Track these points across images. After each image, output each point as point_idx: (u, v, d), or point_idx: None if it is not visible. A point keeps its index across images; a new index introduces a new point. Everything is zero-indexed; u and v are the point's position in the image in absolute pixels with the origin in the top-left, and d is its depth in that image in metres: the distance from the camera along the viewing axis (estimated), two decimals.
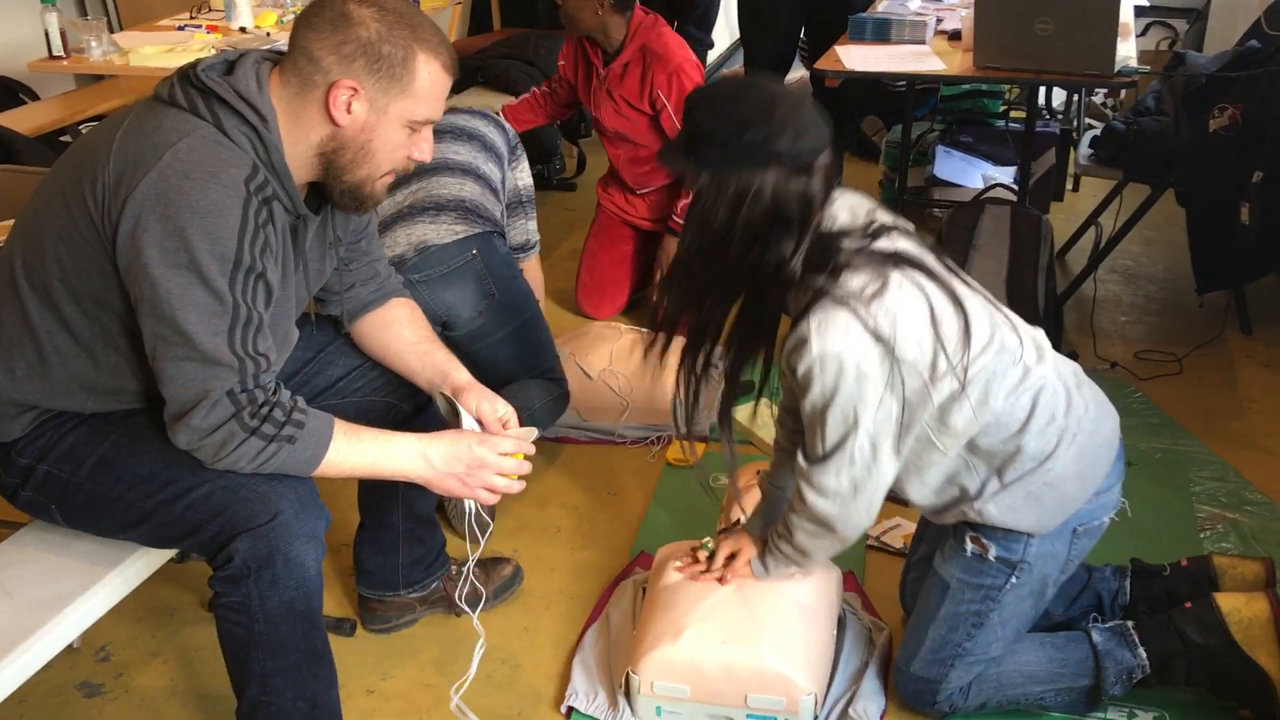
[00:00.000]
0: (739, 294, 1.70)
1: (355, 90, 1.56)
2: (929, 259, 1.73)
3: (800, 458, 1.79)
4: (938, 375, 1.68)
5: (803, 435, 1.78)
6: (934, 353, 1.67)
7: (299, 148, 1.59)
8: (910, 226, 1.79)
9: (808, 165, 1.61)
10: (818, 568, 2.06)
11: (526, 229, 2.92)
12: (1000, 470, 1.78)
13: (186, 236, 1.47)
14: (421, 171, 2.64)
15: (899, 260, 1.68)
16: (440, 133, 2.74)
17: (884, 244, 1.69)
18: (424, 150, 1.66)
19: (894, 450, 1.73)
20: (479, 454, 1.71)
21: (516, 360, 2.61)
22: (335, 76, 1.55)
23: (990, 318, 1.75)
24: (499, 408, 1.84)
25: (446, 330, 2.56)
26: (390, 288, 1.96)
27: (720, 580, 1.98)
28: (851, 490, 1.74)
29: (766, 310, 1.69)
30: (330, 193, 1.65)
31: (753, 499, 2.10)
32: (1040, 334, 1.85)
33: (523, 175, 2.90)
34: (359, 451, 1.64)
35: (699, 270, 1.68)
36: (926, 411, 1.71)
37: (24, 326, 1.61)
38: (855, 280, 1.64)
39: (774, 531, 1.93)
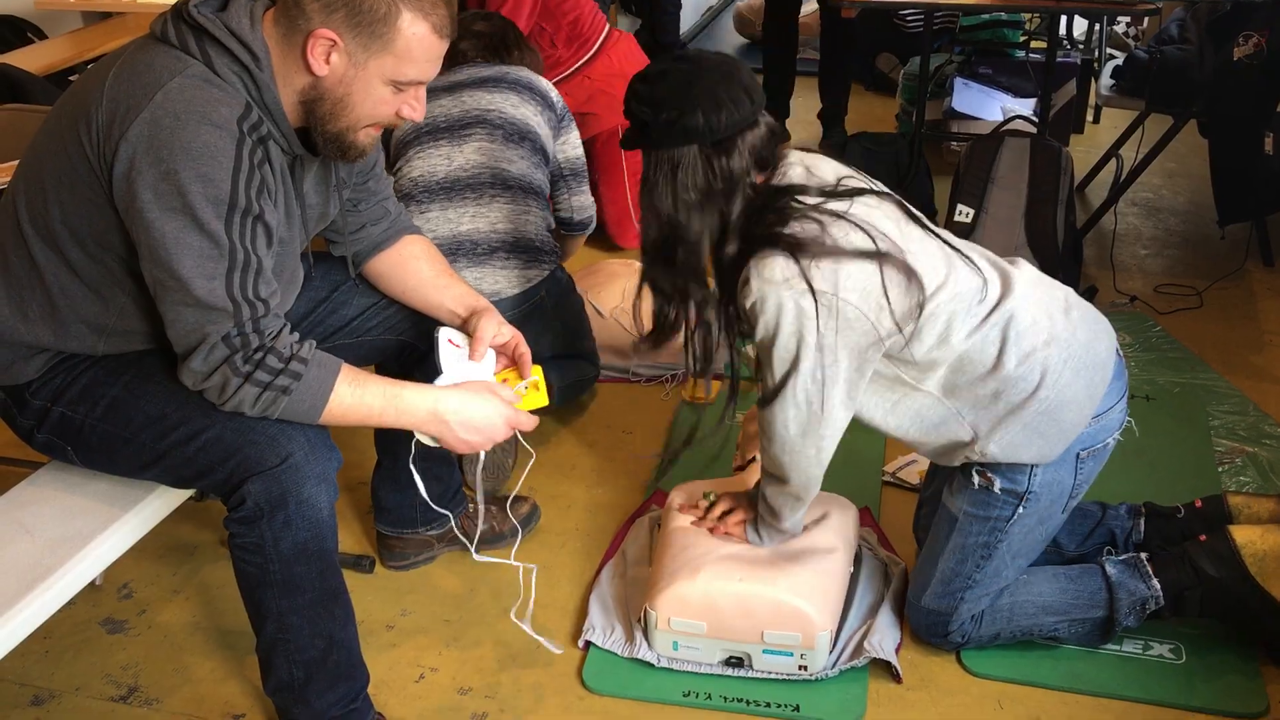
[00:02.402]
0: (703, 259, 1.73)
1: (334, 42, 1.52)
2: (885, 214, 1.74)
3: (758, 404, 1.81)
4: (884, 320, 1.69)
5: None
6: (880, 295, 1.68)
7: (286, 90, 1.57)
8: (882, 187, 1.80)
9: (728, 139, 1.67)
10: (833, 506, 2.07)
11: (570, 204, 2.71)
12: (988, 410, 1.78)
13: (179, 180, 1.45)
14: (480, 171, 2.49)
15: (847, 214, 1.70)
16: (495, 129, 2.53)
17: (838, 204, 1.71)
18: (415, 109, 1.61)
19: (845, 399, 1.74)
20: (501, 418, 1.69)
21: (552, 357, 2.60)
22: (315, 25, 1.51)
23: (947, 260, 1.76)
24: (504, 332, 1.84)
25: None
26: (402, 224, 1.94)
27: (712, 531, 2.01)
28: (800, 435, 1.76)
29: (727, 270, 1.73)
30: (315, 140, 1.62)
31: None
32: (1015, 266, 1.84)
33: (569, 147, 2.69)
34: (364, 404, 1.61)
35: (664, 243, 1.73)
36: (878, 353, 1.72)
37: (32, 269, 1.61)
38: (798, 229, 1.67)
39: (758, 492, 1.95)
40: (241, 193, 1.49)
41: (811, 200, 1.71)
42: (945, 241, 1.80)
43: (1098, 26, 4.56)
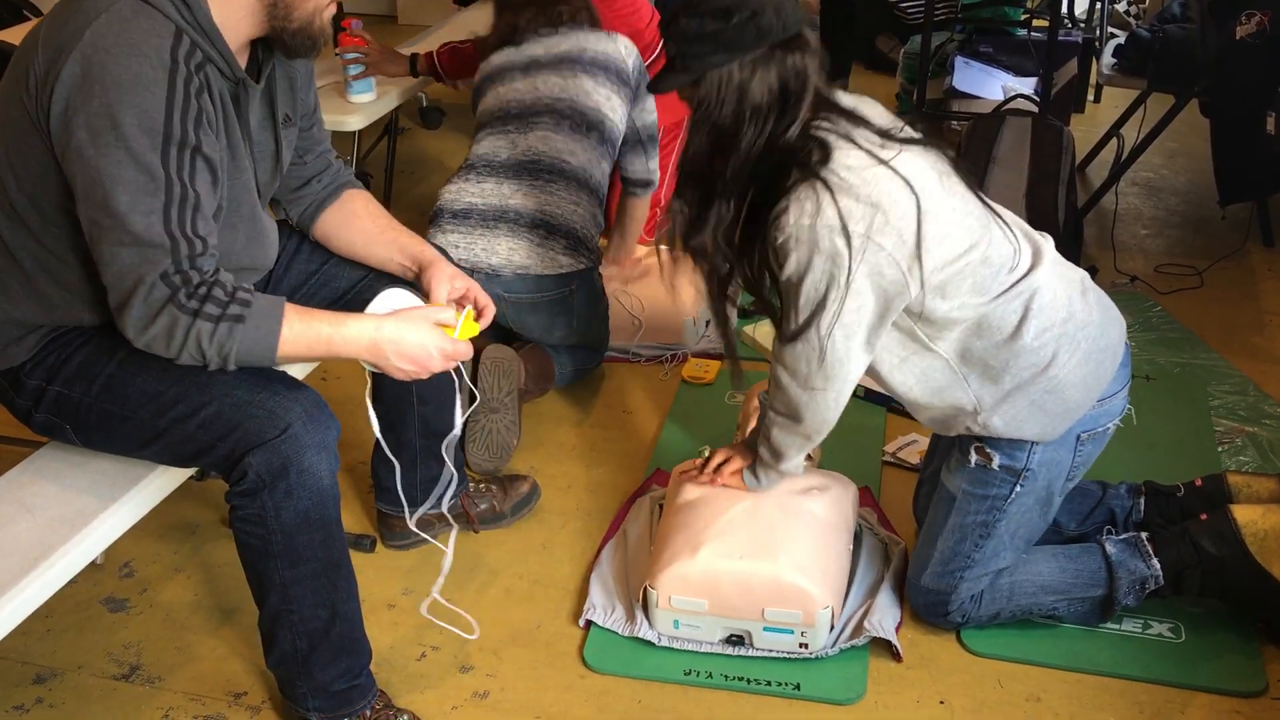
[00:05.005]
0: (750, 186, 1.71)
1: None
2: (930, 165, 1.71)
3: (776, 340, 1.79)
4: (914, 271, 1.68)
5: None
6: (914, 246, 1.66)
7: (235, 2, 1.54)
8: (923, 141, 1.77)
9: (796, 37, 1.65)
10: (833, 485, 2.07)
11: (648, 168, 2.76)
12: (996, 380, 1.77)
13: (113, 113, 1.43)
14: (540, 158, 2.53)
15: (892, 160, 1.67)
16: (562, 119, 2.56)
17: (884, 149, 1.68)
18: None
19: (866, 344, 1.74)
20: (435, 348, 1.66)
21: (560, 345, 2.62)
22: None
23: (985, 222, 1.74)
24: (458, 285, 1.84)
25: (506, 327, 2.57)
26: (342, 178, 1.93)
27: (710, 483, 2.01)
28: (821, 377, 1.75)
29: (772, 195, 1.69)
30: (280, 39, 1.60)
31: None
32: (1044, 241, 1.84)
33: (646, 113, 2.72)
34: (314, 330, 1.58)
35: (713, 172, 1.70)
36: (903, 302, 1.71)
37: (2, 247, 1.60)
38: (845, 164, 1.65)
39: (759, 434, 1.94)
40: (177, 124, 1.47)
41: (861, 138, 1.68)
42: (986, 204, 1.78)
43: (1099, 4, 4.53)
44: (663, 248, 1.82)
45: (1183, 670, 1.90)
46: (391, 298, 1.72)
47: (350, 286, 1.94)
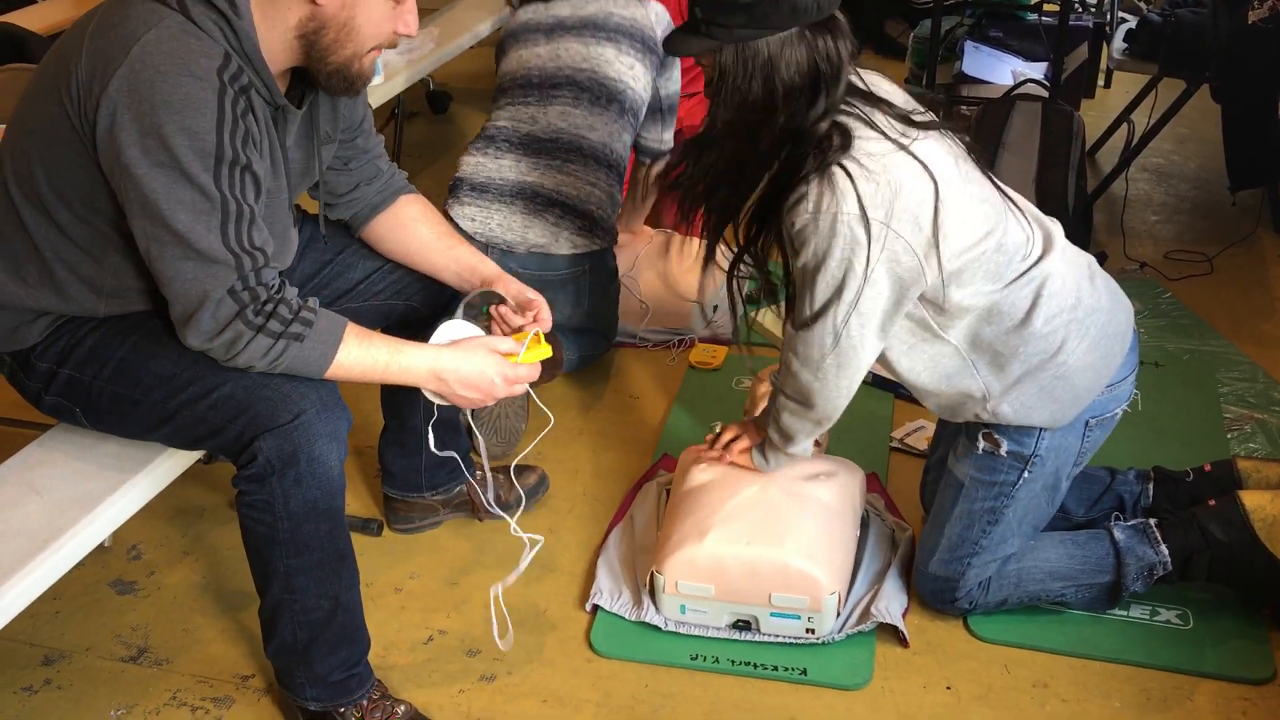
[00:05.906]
0: (774, 164, 1.68)
1: None
2: (946, 150, 1.70)
3: (789, 324, 1.78)
4: (931, 258, 1.67)
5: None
6: (931, 233, 1.65)
7: (277, 31, 1.54)
8: (940, 126, 1.76)
9: (829, 19, 1.62)
10: (841, 471, 2.07)
11: (661, 138, 2.77)
12: (1005, 367, 1.77)
13: (164, 134, 1.43)
14: (560, 135, 2.52)
15: (911, 145, 1.65)
16: (582, 91, 2.54)
17: (903, 134, 1.66)
18: (409, 24, 1.60)
19: (880, 331, 1.73)
20: (496, 373, 1.67)
21: (569, 328, 2.62)
22: None
23: (1000, 209, 1.73)
24: (529, 297, 1.84)
25: None
26: (396, 184, 1.93)
27: (719, 460, 2.01)
28: (834, 364, 1.74)
29: (792, 176, 1.66)
30: (317, 76, 1.60)
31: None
32: (1055, 225, 1.83)
33: (670, 83, 2.70)
34: (370, 356, 1.61)
35: (736, 149, 1.67)
36: (919, 290, 1.70)
37: (24, 234, 1.60)
38: (866, 150, 1.63)
39: (769, 416, 1.94)
40: (227, 144, 1.47)
41: (881, 122, 1.66)
42: (1001, 190, 1.77)
43: None
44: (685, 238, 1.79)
45: (1190, 657, 1.90)
46: (452, 329, 1.73)
47: (364, 277, 1.94)
